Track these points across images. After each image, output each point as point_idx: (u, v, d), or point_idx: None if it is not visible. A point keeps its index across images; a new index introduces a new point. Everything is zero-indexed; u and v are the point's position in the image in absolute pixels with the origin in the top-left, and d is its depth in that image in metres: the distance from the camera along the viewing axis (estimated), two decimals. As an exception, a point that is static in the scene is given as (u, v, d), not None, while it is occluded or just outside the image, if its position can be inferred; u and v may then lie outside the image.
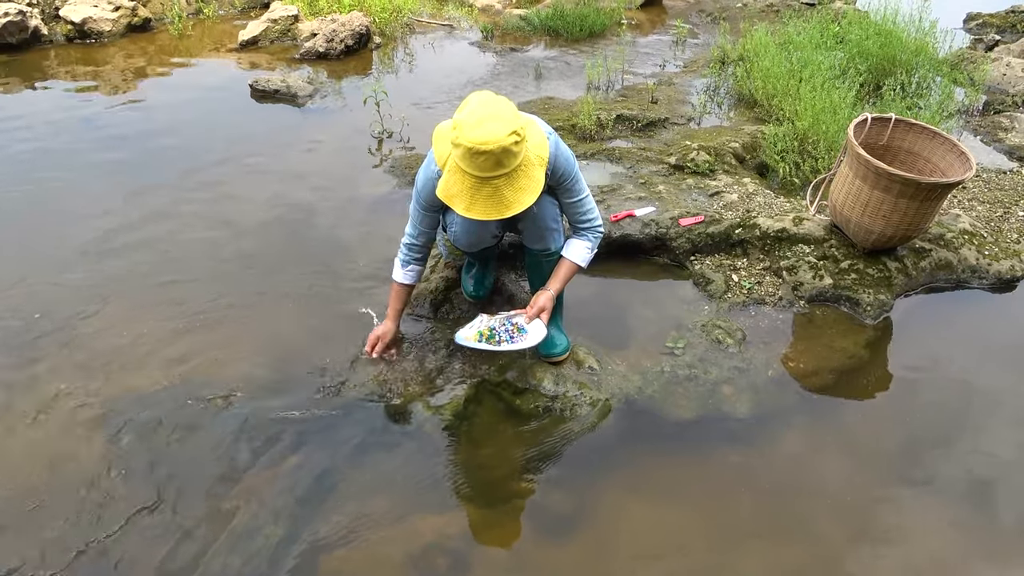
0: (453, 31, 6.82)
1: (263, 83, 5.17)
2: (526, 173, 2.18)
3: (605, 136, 4.41)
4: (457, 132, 2.10)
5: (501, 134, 2.06)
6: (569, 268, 2.57)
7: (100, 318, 2.94)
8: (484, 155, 2.07)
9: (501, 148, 2.06)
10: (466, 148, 2.07)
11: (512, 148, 2.08)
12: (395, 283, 2.64)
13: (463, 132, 2.08)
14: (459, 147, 2.10)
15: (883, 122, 3.22)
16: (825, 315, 3.00)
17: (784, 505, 2.30)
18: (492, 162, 2.08)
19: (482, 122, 2.07)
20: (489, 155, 2.06)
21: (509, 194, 2.16)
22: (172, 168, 4.13)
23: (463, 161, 2.11)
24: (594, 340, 2.82)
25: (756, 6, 7.43)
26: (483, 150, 2.06)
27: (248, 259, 3.32)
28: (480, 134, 2.05)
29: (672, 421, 2.53)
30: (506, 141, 2.06)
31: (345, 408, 2.54)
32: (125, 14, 6.25)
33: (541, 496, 2.32)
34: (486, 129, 2.06)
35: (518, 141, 2.09)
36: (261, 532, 2.13)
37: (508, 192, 2.15)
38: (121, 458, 2.35)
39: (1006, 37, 6.56)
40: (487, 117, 2.09)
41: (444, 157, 2.26)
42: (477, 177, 2.12)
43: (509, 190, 2.15)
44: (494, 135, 2.05)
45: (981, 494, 2.35)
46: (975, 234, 3.38)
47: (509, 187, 2.15)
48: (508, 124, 2.08)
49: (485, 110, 2.11)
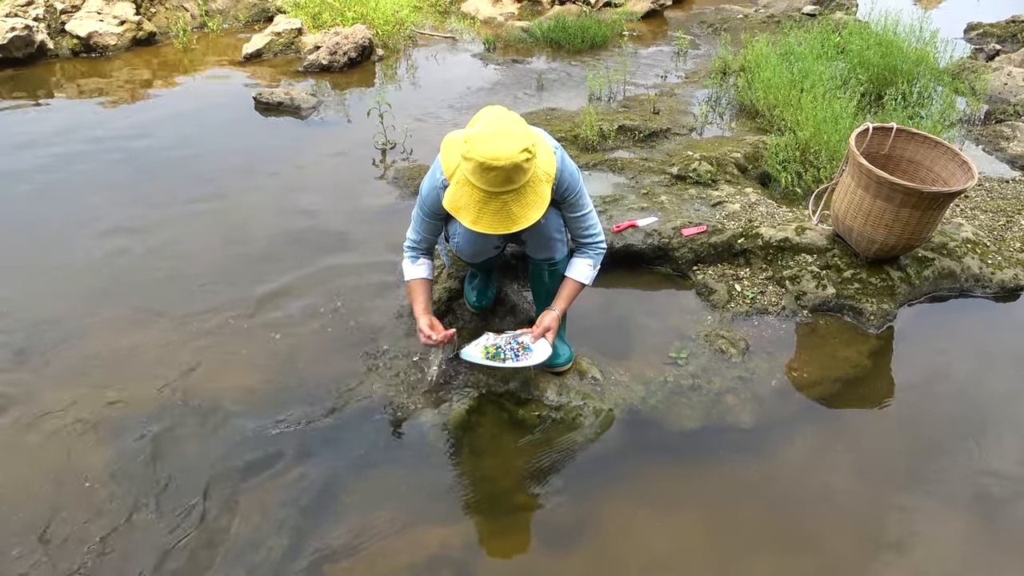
0: (455, 43, 6.86)
1: (267, 96, 5.20)
2: (534, 189, 2.18)
3: (607, 147, 4.42)
4: (469, 146, 2.10)
5: (513, 150, 2.06)
6: (573, 287, 2.57)
7: (103, 328, 2.95)
8: (495, 171, 2.07)
9: (512, 164, 2.06)
10: (477, 163, 2.07)
11: (523, 164, 2.09)
12: (411, 282, 2.58)
13: (475, 147, 2.08)
14: (470, 161, 2.10)
15: (885, 132, 3.23)
16: (828, 325, 3.00)
17: (789, 515, 2.29)
18: (502, 178, 2.09)
19: (494, 137, 2.08)
20: (500, 171, 2.07)
21: (516, 209, 2.16)
22: (175, 180, 4.15)
23: (473, 175, 2.12)
24: (597, 350, 2.82)
25: (757, 17, 7.46)
26: (495, 165, 2.06)
27: (251, 270, 3.33)
28: (492, 149, 2.06)
29: (676, 431, 2.53)
30: (518, 158, 2.06)
31: (348, 419, 2.54)
32: (130, 28, 6.30)
33: (545, 507, 2.31)
34: (498, 145, 2.06)
35: (529, 158, 2.10)
36: (264, 544, 2.13)
37: (515, 207, 2.16)
38: (123, 470, 2.35)
39: (1007, 47, 6.57)
40: (499, 132, 2.09)
41: (452, 168, 2.26)
42: (486, 191, 2.13)
43: (516, 205, 2.16)
44: (506, 151, 2.06)
45: (988, 503, 2.34)
46: (978, 243, 3.38)
47: (517, 202, 2.15)
48: (520, 140, 2.09)
49: (497, 125, 2.11)
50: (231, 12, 7.30)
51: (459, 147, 2.18)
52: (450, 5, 8.13)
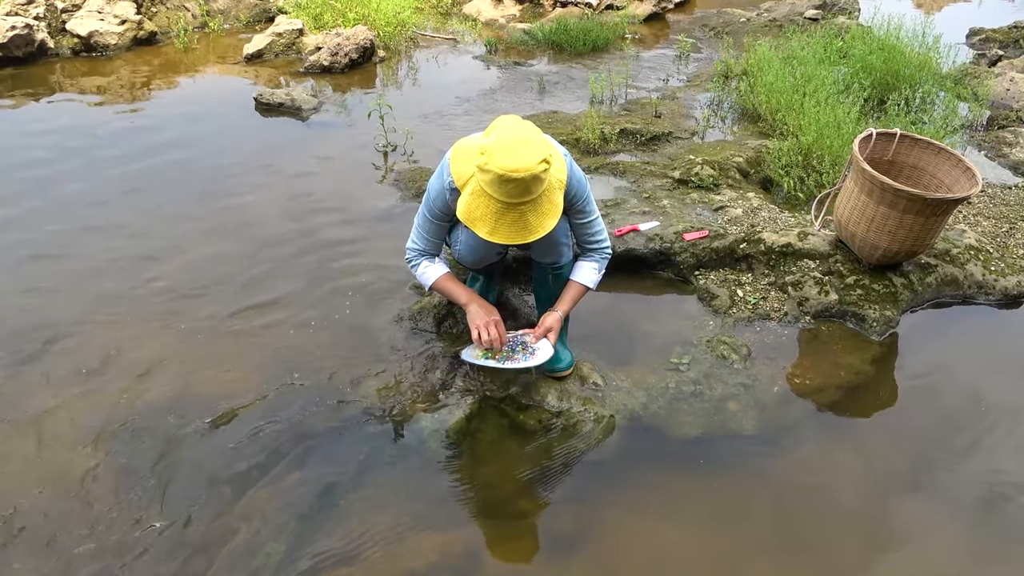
0: (457, 45, 6.85)
1: (268, 96, 5.19)
2: (549, 198, 2.17)
3: (609, 150, 4.41)
4: (486, 158, 2.07)
5: (532, 161, 2.04)
6: (578, 290, 2.56)
7: (103, 331, 2.93)
8: (514, 182, 2.05)
9: (532, 176, 2.05)
10: (496, 174, 2.05)
11: (541, 175, 2.07)
12: (438, 280, 2.54)
13: (493, 159, 2.05)
14: (488, 173, 2.07)
15: (888, 137, 3.22)
16: (831, 331, 2.98)
17: (791, 523, 2.28)
18: (521, 189, 2.07)
19: (513, 149, 2.06)
20: (519, 182, 2.05)
21: (533, 219, 2.15)
22: (175, 182, 4.14)
23: (491, 187, 2.09)
24: (598, 356, 2.81)
25: (759, 21, 7.45)
26: (514, 177, 2.04)
27: (250, 273, 3.32)
28: (511, 161, 2.04)
29: (677, 438, 2.51)
30: (536, 169, 2.05)
31: (348, 424, 2.53)
32: (131, 28, 6.29)
33: (545, 514, 2.30)
34: (517, 156, 2.04)
35: (547, 168, 2.09)
36: (263, 549, 2.11)
37: (532, 217, 2.14)
38: (122, 473, 2.33)
39: (1009, 52, 6.56)
40: (518, 143, 2.07)
41: (464, 177, 2.23)
42: (504, 203, 2.11)
43: (533, 215, 2.14)
44: (525, 163, 2.04)
45: (992, 510, 2.33)
46: (981, 249, 3.36)
47: (533, 212, 2.14)
48: (538, 151, 2.07)
49: (515, 136, 2.09)
50: (232, 12, 7.29)
51: (473, 157, 2.16)
52: (452, 7, 8.13)
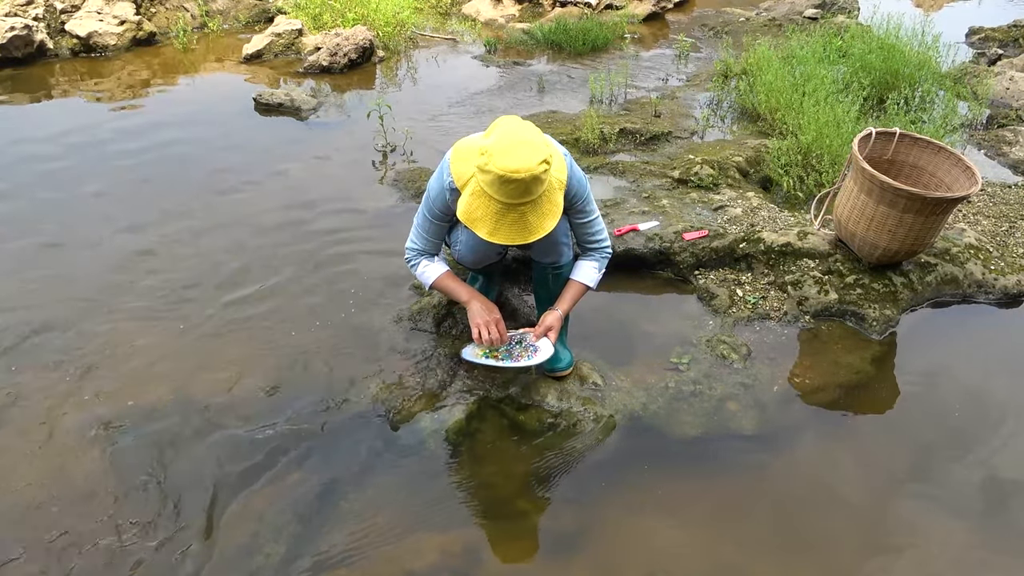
0: (456, 45, 6.84)
1: (267, 97, 5.18)
2: (549, 198, 2.17)
3: (608, 150, 4.41)
4: (487, 159, 2.07)
5: (532, 162, 2.04)
6: (578, 289, 2.56)
7: (103, 331, 2.93)
8: (515, 183, 2.05)
9: (532, 176, 2.05)
10: (496, 175, 2.05)
11: (541, 176, 2.07)
12: (439, 278, 2.54)
13: (494, 159, 2.05)
14: (488, 173, 2.07)
15: (888, 136, 3.21)
16: (831, 330, 2.98)
17: (791, 522, 2.28)
18: (521, 189, 2.07)
19: (513, 149, 2.06)
20: (520, 183, 2.05)
21: (533, 219, 2.15)
22: (173, 181, 4.13)
23: (491, 187, 2.09)
24: (598, 355, 2.81)
25: (758, 20, 7.45)
26: (515, 178, 2.04)
27: (249, 274, 3.31)
28: (512, 162, 2.04)
29: (677, 438, 2.51)
30: (537, 169, 2.05)
31: (347, 424, 2.52)
32: (130, 28, 6.28)
33: (545, 514, 2.29)
34: (518, 157, 2.04)
35: (547, 169, 2.09)
36: (262, 550, 2.11)
37: (532, 217, 2.14)
38: (121, 473, 2.33)
39: (1008, 51, 6.55)
40: (518, 144, 2.07)
41: (464, 177, 2.23)
42: (504, 203, 2.11)
43: (533, 215, 2.14)
44: (526, 164, 2.04)
45: (992, 508, 2.33)
46: (981, 248, 3.36)
47: (533, 212, 2.14)
48: (539, 152, 2.07)
49: (515, 137, 2.09)
50: (231, 13, 7.29)
51: (473, 157, 2.16)
52: (451, 7, 8.12)
